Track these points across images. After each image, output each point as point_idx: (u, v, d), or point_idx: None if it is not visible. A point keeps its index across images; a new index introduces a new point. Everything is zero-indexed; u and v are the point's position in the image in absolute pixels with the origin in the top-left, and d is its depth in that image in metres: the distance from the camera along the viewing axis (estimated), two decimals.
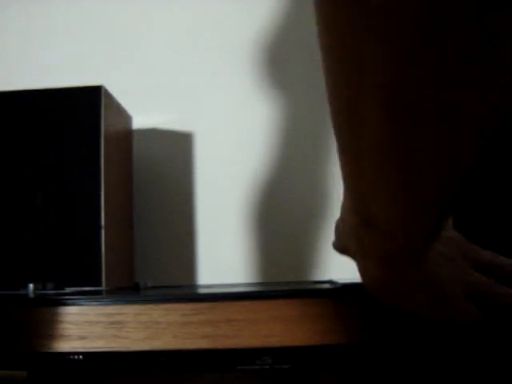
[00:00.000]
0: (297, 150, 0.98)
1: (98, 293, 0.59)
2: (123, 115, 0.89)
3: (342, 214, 0.45)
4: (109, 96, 0.79)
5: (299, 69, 0.98)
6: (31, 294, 0.58)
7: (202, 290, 0.67)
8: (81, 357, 0.47)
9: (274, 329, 0.46)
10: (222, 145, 0.98)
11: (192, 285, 0.95)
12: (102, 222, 0.72)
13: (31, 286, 0.60)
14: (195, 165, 0.98)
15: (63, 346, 0.47)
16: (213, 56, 0.99)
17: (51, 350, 0.47)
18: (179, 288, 0.79)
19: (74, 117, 0.75)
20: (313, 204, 0.97)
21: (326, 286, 0.55)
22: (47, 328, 0.47)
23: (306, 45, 0.97)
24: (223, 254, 0.97)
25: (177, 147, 0.99)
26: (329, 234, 0.96)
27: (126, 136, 0.91)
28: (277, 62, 0.99)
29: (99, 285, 0.72)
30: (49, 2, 1.03)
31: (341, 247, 0.49)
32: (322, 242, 0.96)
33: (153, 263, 0.95)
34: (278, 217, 0.97)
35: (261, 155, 0.98)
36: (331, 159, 0.97)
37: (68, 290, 0.66)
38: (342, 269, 0.94)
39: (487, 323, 0.44)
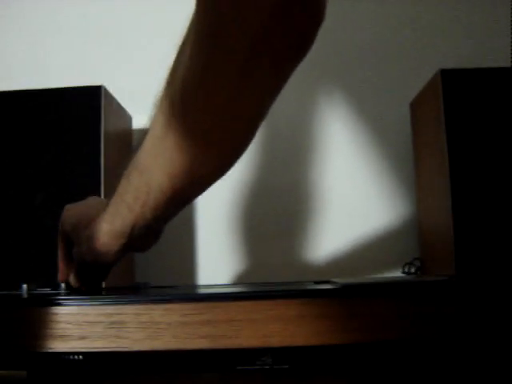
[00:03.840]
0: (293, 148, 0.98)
1: (98, 293, 0.59)
2: (123, 115, 0.89)
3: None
4: (109, 96, 0.79)
5: None
6: (25, 295, 0.58)
7: (201, 290, 0.67)
8: (81, 357, 0.47)
9: (274, 329, 0.46)
10: None
11: (192, 285, 0.95)
12: None
13: (25, 286, 0.60)
14: None
15: (63, 346, 0.47)
16: None
17: (51, 350, 0.47)
18: (179, 288, 0.79)
19: (74, 117, 0.75)
20: (312, 203, 0.97)
21: (326, 286, 0.55)
22: (47, 328, 0.47)
23: None
24: (223, 255, 0.96)
25: None
26: (328, 234, 0.96)
27: (126, 136, 0.91)
28: None
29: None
30: (49, 1, 1.03)
31: None
32: (322, 242, 0.96)
33: (153, 263, 0.95)
34: (278, 216, 0.97)
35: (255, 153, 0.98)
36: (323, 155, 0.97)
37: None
38: (341, 269, 0.94)
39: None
